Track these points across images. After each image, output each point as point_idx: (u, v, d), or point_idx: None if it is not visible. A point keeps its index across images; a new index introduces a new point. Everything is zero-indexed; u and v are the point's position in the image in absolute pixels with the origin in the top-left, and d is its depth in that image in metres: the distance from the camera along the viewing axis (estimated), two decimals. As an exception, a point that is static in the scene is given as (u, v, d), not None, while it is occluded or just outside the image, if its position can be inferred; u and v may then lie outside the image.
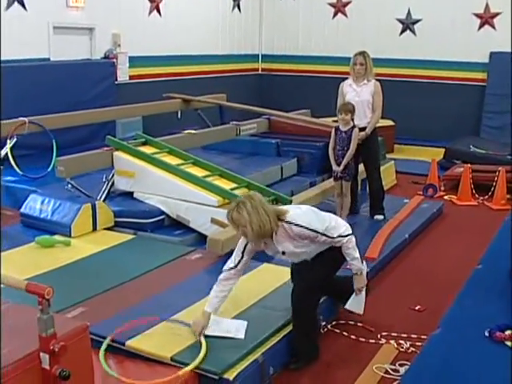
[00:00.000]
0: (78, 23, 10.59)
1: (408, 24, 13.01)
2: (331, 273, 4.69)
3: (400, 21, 13.06)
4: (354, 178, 7.53)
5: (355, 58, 7.48)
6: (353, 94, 7.43)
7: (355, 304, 4.81)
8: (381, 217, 7.54)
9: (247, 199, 4.21)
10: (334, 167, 7.25)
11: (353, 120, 7.15)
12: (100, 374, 3.50)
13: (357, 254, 4.49)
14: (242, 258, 4.42)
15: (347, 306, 4.78)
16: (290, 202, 6.43)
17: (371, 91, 7.42)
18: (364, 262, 4.84)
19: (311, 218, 4.35)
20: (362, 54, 7.47)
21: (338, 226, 4.42)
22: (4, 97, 8.82)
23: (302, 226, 4.25)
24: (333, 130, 7.30)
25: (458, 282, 5.24)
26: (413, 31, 13.00)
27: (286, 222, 4.25)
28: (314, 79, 13.76)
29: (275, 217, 4.21)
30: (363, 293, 4.79)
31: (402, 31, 13.10)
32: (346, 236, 4.41)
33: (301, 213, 4.38)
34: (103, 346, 4.09)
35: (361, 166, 7.75)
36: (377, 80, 7.54)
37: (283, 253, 4.43)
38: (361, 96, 7.41)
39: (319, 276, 4.57)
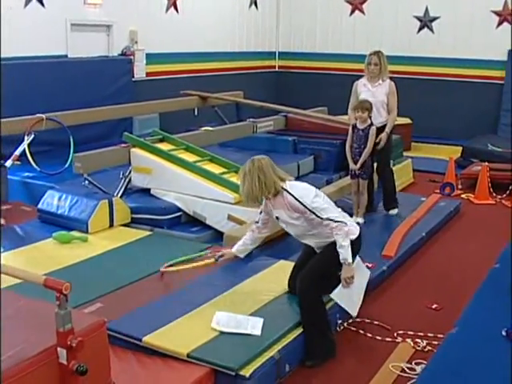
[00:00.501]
0: (96, 20, 10.62)
1: (426, 21, 12.95)
2: (333, 268, 4.63)
3: (418, 18, 13.00)
4: (371, 177, 7.45)
5: (369, 57, 7.44)
6: (368, 94, 7.36)
7: (345, 299, 4.66)
8: (395, 211, 7.56)
9: (250, 162, 4.57)
10: (351, 165, 7.19)
11: (370, 118, 7.08)
12: (117, 369, 3.50)
13: (345, 243, 4.44)
14: (261, 214, 4.88)
15: (332, 295, 4.62)
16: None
17: (386, 92, 7.36)
18: (367, 269, 4.86)
19: (306, 193, 4.52)
20: (377, 53, 7.42)
21: (330, 210, 4.52)
22: (22, 93, 8.88)
23: (293, 197, 4.46)
24: (350, 128, 7.25)
25: (474, 281, 5.22)
26: (430, 29, 12.94)
27: (283, 189, 4.51)
28: (330, 77, 13.73)
29: (273, 185, 4.49)
30: (357, 290, 4.68)
31: (420, 29, 13.05)
32: (337, 222, 4.44)
33: (299, 186, 4.63)
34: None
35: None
36: (391, 78, 7.50)
37: (277, 218, 4.66)
38: (376, 96, 7.34)
39: (319, 269, 4.58)
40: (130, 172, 7.21)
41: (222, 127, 9.46)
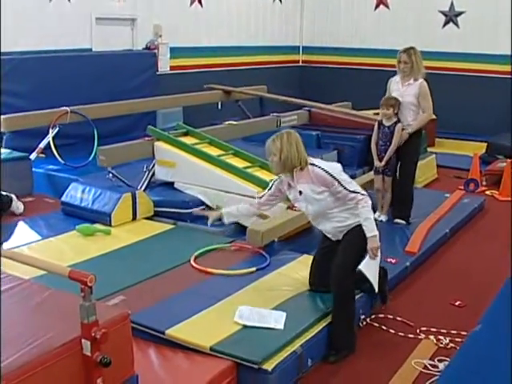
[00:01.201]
0: (120, 14, 10.65)
1: (451, 16, 12.83)
2: (361, 253, 4.62)
3: (443, 13, 12.87)
4: (395, 174, 7.25)
5: (399, 55, 6.94)
6: (396, 94, 6.95)
7: (371, 272, 4.63)
8: (403, 222, 7.05)
9: (286, 133, 4.62)
10: (376, 162, 7.07)
11: (396, 114, 6.90)
12: (139, 362, 3.52)
13: (370, 215, 4.49)
14: (270, 189, 4.89)
15: (360, 267, 4.57)
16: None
17: (415, 93, 6.86)
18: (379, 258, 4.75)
19: (334, 166, 4.62)
20: (407, 51, 6.89)
21: (355, 184, 4.59)
22: (47, 86, 8.93)
23: (322, 169, 4.51)
24: (376, 124, 7.11)
25: (498, 279, 5.18)
26: (456, 23, 12.81)
27: (311, 164, 4.56)
28: (355, 71, 13.67)
29: (305, 157, 4.55)
30: (376, 265, 4.66)
31: (445, 24, 12.92)
32: (362, 195, 4.49)
33: (326, 162, 4.68)
34: None
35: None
36: (426, 78, 7.02)
37: (300, 192, 4.61)
38: (404, 97, 6.90)
39: (351, 259, 4.57)
40: (153, 165, 7.23)
41: (246, 121, 9.46)
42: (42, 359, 2.84)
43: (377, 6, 13.68)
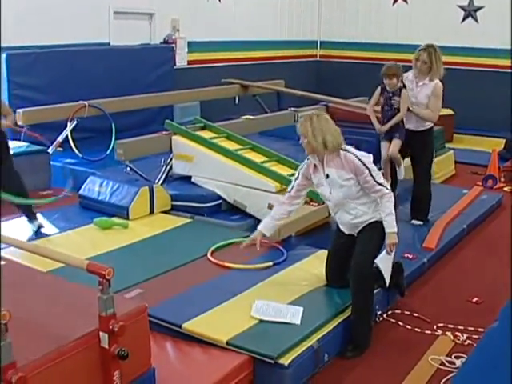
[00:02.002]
0: (138, 8, 10.68)
1: (470, 11, 12.75)
2: (379, 248, 4.61)
3: (462, 8, 12.80)
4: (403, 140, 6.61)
5: (418, 53, 6.45)
6: (410, 94, 6.53)
7: (385, 267, 4.63)
8: (420, 222, 6.80)
9: (315, 115, 4.55)
10: (378, 125, 6.66)
11: (402, 81, 6.45)
12: (156, 355, 3.53)
13: (393, 211, 4.47)
14: (297, 179, 4.76)
15: (376, 260, 4.55)
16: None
17: (428, 94, 6.47)
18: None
19: (366, 156, 4.57)
20: (427, 49, 6.40)
21: (384, 179, 4.59)
22: (65, 80, 8.97)
23: (355, 156, 4.48)
24: (378, 89, 6.68)
25: (517, 275, 5.16)
26: (475, 18, 12.73)
27: (343, 149, 4.51)
28: (372, 66, 13.51)
29: (338, 140, 4.49)
30: (390, 260, 4.66)
31: (464, 18, 12.84)
32: (388, 189, 4.50)
33: (358, 151, 4.62)
34: None
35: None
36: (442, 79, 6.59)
37: (327, 176, 4.55)
38: (417, 97, 6.52)
39: (371, 252, 4.55)
40: (171, 159, 7.24)
41: (264, 116, 9.46)
42: (60, 351, 2.86)
43: (395, 1, 13.62)
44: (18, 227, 6.12)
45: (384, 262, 4.60)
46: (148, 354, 3.36)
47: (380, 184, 4.47)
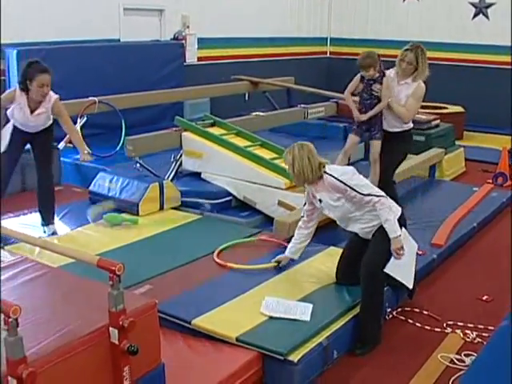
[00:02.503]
0: (148, 4, 10.68)
1: (481, 8, 12.70)
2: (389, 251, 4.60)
3: (473, 4, 12.75)
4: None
5: (404, 53, 6.06)
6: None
7: (399, 272, 4.59)
8: None
9: (297, 146, 4.62)
10: (356, 113, 6.28)
11: (381, 69, 6.21)
12: (165, 351, 3.53)
13: (390, 217, 4.44)
14: (305, 205, 4.93)
15: (386, 269, 4.53)
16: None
17: (408, 94, 6.10)
18: (414, 242, 4.72)
19: (345, 172, 4.62)
20: (414, 50, 6.01)
21: (370, 186, 4.59)
22: (75, 76, 8.98)
23: (334, 177, 4.53)
24: (358, 75, 6.36)
25: (527, 274, 5.14)
26: (486, 15, 12.68)
27: (324, 172, 4.59)
28: (383, 63, 13.56)
29: (318, 167, 4.57)
30: (408, 262, 4.62)
31: (475, 15, 12.80)
32: (378, 196, 4.48)
33: (339, 168, 4.79)
34: None
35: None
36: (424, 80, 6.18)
37: (320, 200, 4.69)
38: (397, 96, 6.13)
39: (382, 252, 4.53)
40: (180, 156, 7.25)
41: (274, 112, 9.45)
42: (70, 346, 2.86)
43: (405, -2, 13.59)
44: (31, 222, 6.16)
45: (395, 269, 4.56)
46: (158, 349, 3.36)
47: (367, 195, 4.47)
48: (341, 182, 4.49)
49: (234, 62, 12.08)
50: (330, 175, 4.54)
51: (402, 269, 4.60)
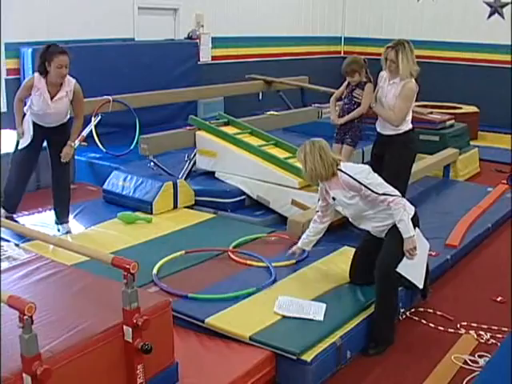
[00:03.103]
0: (163, 4, 10.70)
1: (496, 7, 12.62)
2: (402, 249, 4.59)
3: (488, 4, 12.68)
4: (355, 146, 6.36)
5: (386, 51, 5.83)
6: (382, 93, 5.98)
7: (411, 272, 4.54)
8: None
9: (309, 143, 4.63)
10: (333, 117, 6.38)
11: (366, 74, 6.19)
12: (179, 349, 3.54)
13: (404, 217, 4.40)
14: (319, 201, 4.92)
15: (398, 269, 4.48)
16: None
17: (395, 94, 5.80)
18: (426, 241, 4.67)
19: (360, 171, 4.58)
20: (395, 47, 5.74)
21: (385, 186, 4.54)
22: (90, 75, 9.00)
23: (349, 175, 4.50)
24: (346, 82, 6.40)
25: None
26: (501, 15, 12.61)
27: (338, 169, 4.56)
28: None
29: (332, 164, 4.56)
30: (419, 261, 4.56)
31: (490, 15, 12.72)
32: (393, 196, 4.44)
33: (354, 166, 4.73)
34: None
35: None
36: (414, 79, 5.85)
37: (333, 198, 4.68)
38: (387, 97, 5.89)
39: (396, 252, 4.50)
40: (194, 155, 7.26)
41: (288, 112, 9.45)
42: (84, 344, 2.88)
43: (420, -3, 13.54)
44: (46, 221, 6.20)
45: (407, 269, 4.52)
46: (171, 348, 3.38)
47: (382, 194, 4.44)
48: (356, 180, 4.47)
49: (248, 62, 12.08)
50: (345, 173, 4.52)
51: (414, 269, 4.57)
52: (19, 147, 5.85)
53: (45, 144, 5.96)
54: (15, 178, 5.97)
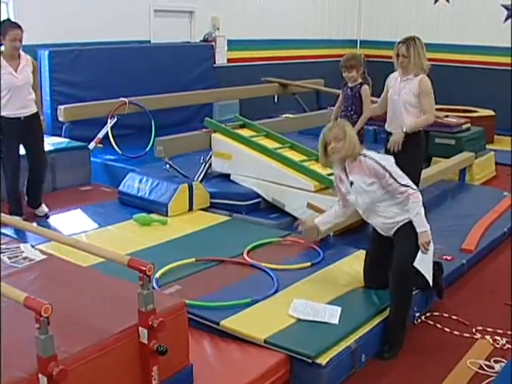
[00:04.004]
0: (179, 6, 10.74)
1: (513, 10, 12.58)
2: (417, 248, 4.55)
3: (505, 7, 12.60)
4: None
5: (397, 46, 5.89)
6: (394, 91, 5.99)
7: (425, 267, 4.51)
8: None
9: (340, 121, 4.80)
10: None
11: (363, 74, 6.11)
12: (193, 351, 3.55)
13: (421, 211, 4.40)
14: (337, 191, 4.90)
15: (415, 263, 4.45)
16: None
17: (414, 90, 5.80)
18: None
19: (386, 158, 4.62)
20: (406, 42, 5.83)
21: (407, 179, 4.51)
22: (106, 77, 9.06)
23: (374, 160, 4.47)
24: (342, 87, 6.25)
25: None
26: (518, 18, 12.56)
27: (362, 154, 4.53)
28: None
29: (359, 147, 4.55)
30: (429, 257, 4.53)
31: (507, 18, 12.66)
32: (413, 189, 4.44)
33: (378, 154, 4.70)
34: None
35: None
36: (429, 75, 5.94)
37: (351, 183, 4.59)
38: (400, 94, 5.88)
39: (409, 254, 4.48)
40: (210, 157, 7.27)
41: (303, 115, 9.47)
42: (99, 345, 2.89)
43: (436, 0, 13.49)
44: (61, 221, 6.24)
45: (423, 263, 4.52)
46: (186, 350, 3.38)
47: (404, 185, 4.44)
48: (381, 166, 4.45)
49: (263, 64, 12.09)
50: (370, 158, 4.50)
51: (426, 264, 4.54)
52: None
53: None
54: (13, 181, 6.20)
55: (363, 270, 4.91)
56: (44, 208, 6.45)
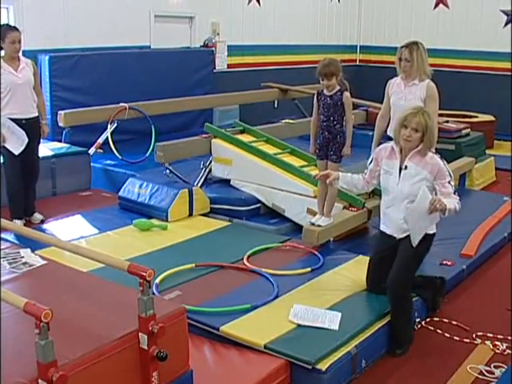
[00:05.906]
0: (179, 12, 10.75)
1: (513, 16, 12.59)
2: (421, 258, 4.58)
3: (504, 12, 12.62)
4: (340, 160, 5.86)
5: (400, 51, 5.91)
6: (399, 96, 5.99)
7: (415, 219, 4.37)
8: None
9: (422, 109, 4.54)
10: (311, 148, 5.95)
11: (341, 82, 5.79)
12: (193, 357, 3.54)
13: (457, 206, 4.40)
14: (371, 163, 4.75)
15: (408, 210, 4.39)
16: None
17: (421, 96, 5.83)
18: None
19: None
20: (409, 46, 5.85)
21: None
22: (106, 83, 9.07)
23: (442, 161, 4.47)
24: (315, 97, 5.87)
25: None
26: (518, 23, 12.57)
27: (431, 150, 4.50)
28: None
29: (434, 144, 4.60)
30: (426, 223, 4.44)
31: (507, 23, 12.67)
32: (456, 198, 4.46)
33: None
34: None
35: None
36: (433, 80, 5.99)
37: (405, 167, 4.46)
38: (407, 99, 5.86)
39: (413, 264, 4.52)
40: (210, 162, 7.28)
41: (303, 120, 9.44)
42: (99, 351, 2.88)
43: (436, 5, 13.51)
44: (62, 227, 6.25)
45: (419, 221, 4.37)
46: (186, 355, 3.37)
47: (455, 193, 4.46)
48: (447, 169, 4.46)
49: (263, 70, 12.10)
50: (439, 158, 4.49)
51: (419, 221, 4.39)
52: (17, 152, 6.06)
53: None
54: (16, 184, 6.23)
55: (366, 274, 4.90)
56: (38, 215, 6.43)
